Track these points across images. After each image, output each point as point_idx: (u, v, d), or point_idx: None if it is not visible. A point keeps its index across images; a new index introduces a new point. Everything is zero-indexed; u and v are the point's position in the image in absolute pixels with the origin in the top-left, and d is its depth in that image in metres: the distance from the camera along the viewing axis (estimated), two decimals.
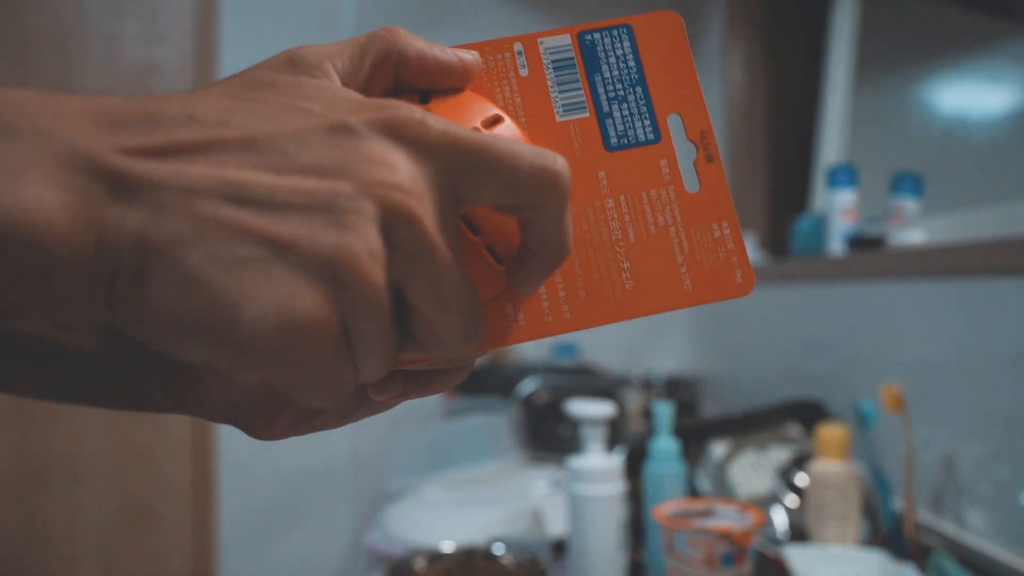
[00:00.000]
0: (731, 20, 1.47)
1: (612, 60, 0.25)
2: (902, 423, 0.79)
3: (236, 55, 1.34)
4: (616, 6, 1.57)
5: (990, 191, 1.01)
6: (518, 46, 0.25)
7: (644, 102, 0.25)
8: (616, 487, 0.71)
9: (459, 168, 0.20)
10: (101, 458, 1.28)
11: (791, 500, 0.82)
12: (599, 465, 0.71)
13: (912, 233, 1.01)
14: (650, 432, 0.80)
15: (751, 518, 0.58)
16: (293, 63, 0.22)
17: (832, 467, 0.77)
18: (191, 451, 1.33)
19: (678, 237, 0.24)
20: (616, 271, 0.24)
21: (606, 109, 0.25)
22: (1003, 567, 0.72)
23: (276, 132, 0.19)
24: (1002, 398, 0.76)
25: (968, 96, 1.15)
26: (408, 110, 0.20)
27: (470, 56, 0.25)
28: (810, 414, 0.97)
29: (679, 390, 1.36)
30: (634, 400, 1.28)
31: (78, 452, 1.27)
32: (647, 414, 1.24)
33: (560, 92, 0.25)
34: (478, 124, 0.23)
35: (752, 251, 1.35)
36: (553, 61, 0.25)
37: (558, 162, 0.21)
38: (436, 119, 0.20)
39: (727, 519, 0.59)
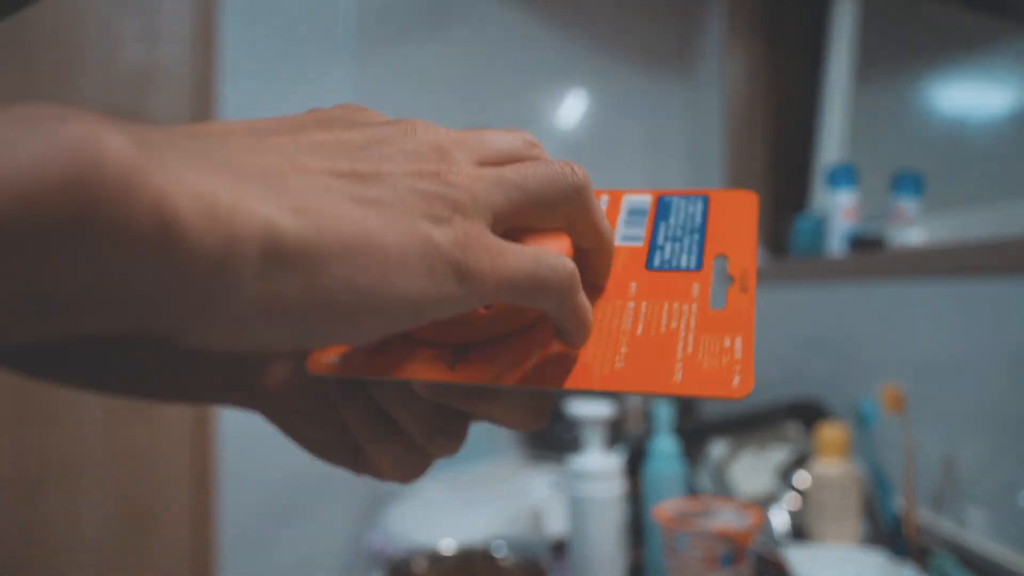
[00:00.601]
0: (731, 19, 1.47)
1: (681, 215, 0.28)
2: (902, 423, 0.79)
3: (236, 55, 1.34)
4: (621, 11, 1.57)
5: (990, 191, 1.01)
6: (605, 198, 0.29)
7: (697, 243, 0.27)
8: (616, 487, 0.71)
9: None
10: (101, 458, 1.28)
11: (791, 500, 0.82)
12: (599, 465, 0.71)
13: (912, 233, 1.01)
14: (650, 432, 0.80)
15: (751, 518, 0.58)
16: None
17: (832, 467, 0.77)
18: (191, 451, 1.33)
19: (685, 340, 0.24)
20: (612, 352, 0.24)
21: (660, 243, 0.27)
22: (1003, 567, 0.72)
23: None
24: (1002, 398, 0.76)
25: (968, 95, 1.15)
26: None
27: None
28: (810, 414, 0.97)
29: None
30: (634, 400, 1.28)
31: (77, 452, 1.27)
32: (647, 414, 1.24)
33: (625, 226, 0.28)
34: None
35: None
36: (629, 209, 0.28)
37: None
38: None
39: (727, 519, 0.59)
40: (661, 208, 0.28)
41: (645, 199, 0.28)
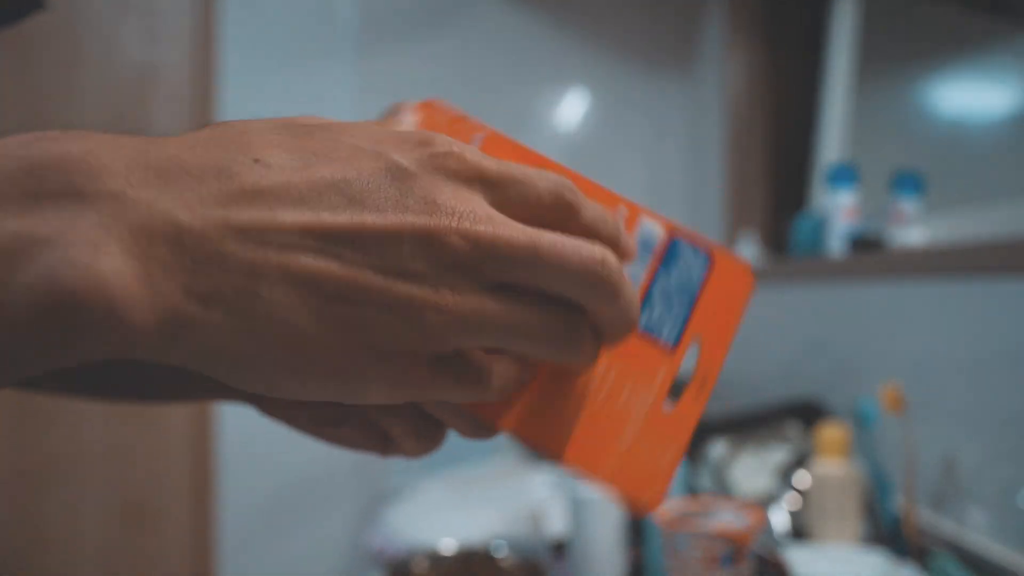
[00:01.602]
0: (731, 19, 1.47)
1: (683, 266, 0.27)
2: (902, 423, 0.79)
3: (236, 55, 1.34)
4: (621, 11, 1.57)
5: (990, 191, 1.01)
6: (623, 209, 0.28)
7: (684, 312, 0.27)
8: None
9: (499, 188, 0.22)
10: (101, 458, 1.28)
11: (791, 500, 0.82)
12: None
13: (912, 233, 1.01)
14: None
15: (751, 518, 0.58)
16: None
17: (832, 467, 0.77)
18: (191, 451, 1.33)
19: (630, 435, 0.25)
20: (571, 416, 0.25)
21: (654, 299, 0.27)
22: (1003, 567, 0.72)
23: (340, 174, 0.19)
24: (1002, 398, 0.76)
25: (969, 95, 1.15)
26: (446, 144, 0.21)
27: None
28: (810, 414, 0.97)
29: (679, 390, 1.36)
30: None
31: (78, 452, 1.27)
32: None
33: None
34: None
35: (752, 250, 1.35)
36: (641, 238, 0.28)
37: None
38: (471, 151, 0.21)
39: (727, 519, 0.59)
40: (669, 253, 0.28)
41: (657, 233, 0.28)
